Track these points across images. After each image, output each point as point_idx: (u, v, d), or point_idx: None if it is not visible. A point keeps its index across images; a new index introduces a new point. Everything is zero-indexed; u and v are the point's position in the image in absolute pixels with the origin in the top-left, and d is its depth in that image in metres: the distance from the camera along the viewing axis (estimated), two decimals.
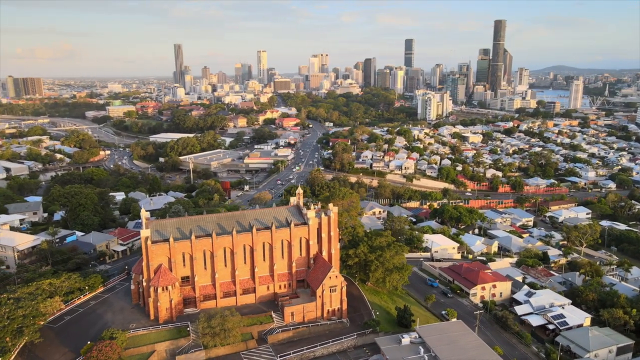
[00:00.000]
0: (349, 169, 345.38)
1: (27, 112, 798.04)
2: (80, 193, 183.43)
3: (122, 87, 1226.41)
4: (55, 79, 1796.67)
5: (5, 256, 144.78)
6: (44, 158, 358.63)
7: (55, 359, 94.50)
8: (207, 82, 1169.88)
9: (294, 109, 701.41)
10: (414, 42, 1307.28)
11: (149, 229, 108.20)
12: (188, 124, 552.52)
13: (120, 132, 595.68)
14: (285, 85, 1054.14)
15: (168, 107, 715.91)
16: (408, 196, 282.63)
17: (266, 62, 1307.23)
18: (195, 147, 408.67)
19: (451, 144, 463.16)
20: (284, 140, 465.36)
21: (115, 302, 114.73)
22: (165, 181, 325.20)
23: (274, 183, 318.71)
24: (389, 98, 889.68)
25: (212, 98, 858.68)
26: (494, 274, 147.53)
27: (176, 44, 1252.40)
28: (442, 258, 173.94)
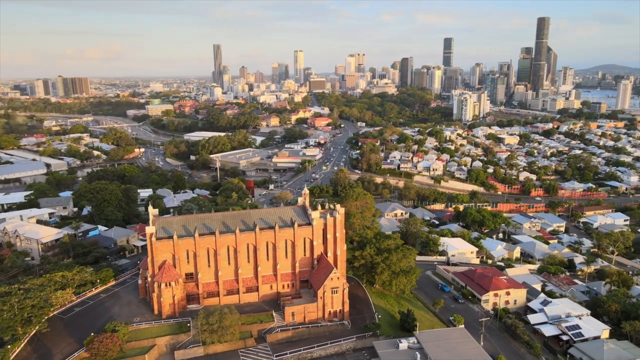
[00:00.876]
0: (375, 170, 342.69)
1: (74, 110, 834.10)
2: (105, 189, 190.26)
3: (163, 87, 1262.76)
4: (103, 79, 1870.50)
5: (30, 248, 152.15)
6: (82, 155, 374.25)
7: (61, 349, 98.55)
8: (245, 81, 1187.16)
9: (327, 108, 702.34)
10: (453, 41, 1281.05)
11: (155, 226, 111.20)
12: (222, 122, 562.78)
13: (157, 130, 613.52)
14: (321, 85, 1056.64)
15: (204, 106, 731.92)
16: (433, 198, 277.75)
17: (303, 62, 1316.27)
18: (226, 146, 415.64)
19: (484, 145, 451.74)
20: (314, 140, 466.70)
21: (124, 296, 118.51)
22: (194, 179, 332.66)
23: (300, 182, 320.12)
24: (424, 98, 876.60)
25: (248, 97, 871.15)
26: (509, 280, 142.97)
27: (215, 45, 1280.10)
28: (458, 262, 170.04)
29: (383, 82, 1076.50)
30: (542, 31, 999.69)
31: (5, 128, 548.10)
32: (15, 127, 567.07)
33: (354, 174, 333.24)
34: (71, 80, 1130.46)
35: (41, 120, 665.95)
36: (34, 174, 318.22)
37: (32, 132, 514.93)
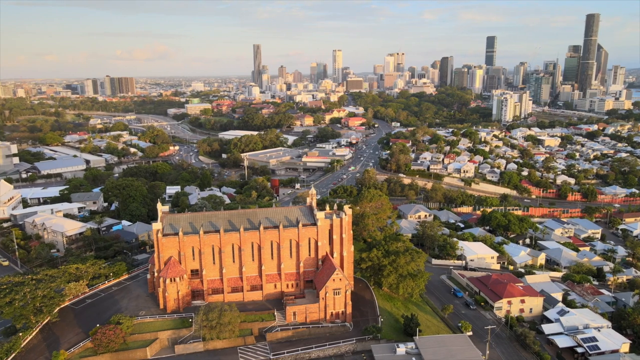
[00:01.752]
0: (405, 171, 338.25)
1: (119, 109, 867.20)
2: (130, 186, 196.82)
3: (204, 86, 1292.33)
4: (148, 78, 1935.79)
5: (56, 240, 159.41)
6: (120, 152, 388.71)
7: (69, 338, 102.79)
8: (283, 81, 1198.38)
9: (361, 108, 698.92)
10: (497, 40, 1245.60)
11: (162, 222, 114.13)
12: (256, 121, 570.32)
13: (195, 129, 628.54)
14: (358, 85, 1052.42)
15: (241, 105, 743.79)
16: (461, 201, 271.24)
17: (341, 61, 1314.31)
18: (258, 145, 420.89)
19: (521, 147, 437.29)
20: (345, 140, 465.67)
21: (134, 290, 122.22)
22: (223, 177, 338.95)
23: (327, 182, 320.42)
24: (464, 98, 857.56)
25: (285, 97, 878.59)
26: (525, 288, 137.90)
27: (255, 45, 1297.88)
28: (477, 267, 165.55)
29: (421, 81, 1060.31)
30: (591, 28, 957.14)
31: (53, 125, 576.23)
32: (63, 125, 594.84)
33: (382, 174, 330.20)
34: (118, 80, 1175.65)
35: (87, 118, 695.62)
36: (74, 170, 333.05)
37: (77, 130, 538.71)
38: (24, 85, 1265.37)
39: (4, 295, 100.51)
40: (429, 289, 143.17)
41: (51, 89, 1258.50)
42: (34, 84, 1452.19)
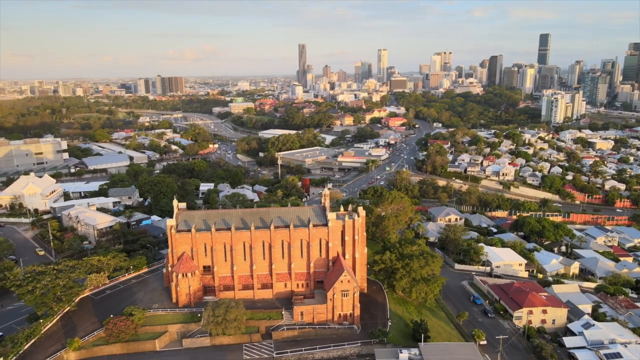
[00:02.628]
0: (441, 173, 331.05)
1: (167, 107, 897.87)
2: (162, 182, 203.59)
3: (249, 85, 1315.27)
4: (198, 78, 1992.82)
5: (88, 233, 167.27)
6: (162, 149, 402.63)
7: (85, 327, 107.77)
8: (327, 80, 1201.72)
9: (403, 108, 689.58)
10: (550, 37, 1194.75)
11: (177, 219, 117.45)
12: (296, 120, 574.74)
13: (237, 127, 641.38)
14: (402, 84, 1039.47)
15: (283, 104, 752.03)
16: (496, 204, 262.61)
17: (386, 61, 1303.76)
18: (295, 144, 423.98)
19: (568, 150, 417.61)
20: (383, 140, 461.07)
21: (151, 283, 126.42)
22: (257, 175, 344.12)
23: (360, 182, 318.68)
24: (512, 98, 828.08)
25: (328, 96, 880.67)
26: (549, 298, 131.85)
27: (300, 44, 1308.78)
28: (502, 274, 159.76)
29: (468, 81, 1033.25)
30: None
31: (105, 123, 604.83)
32: (114, 122, 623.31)
33: (417, 175, 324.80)
34: (168, 80, 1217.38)
35: (137, 117, 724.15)
36: (119, 166, 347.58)
37: (126, 127, 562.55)
38: (82, 84, 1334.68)
39: (26, 283, 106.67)
40: (447, 294, 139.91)
41: (107, 88, 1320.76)
42: (92, 83, 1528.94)
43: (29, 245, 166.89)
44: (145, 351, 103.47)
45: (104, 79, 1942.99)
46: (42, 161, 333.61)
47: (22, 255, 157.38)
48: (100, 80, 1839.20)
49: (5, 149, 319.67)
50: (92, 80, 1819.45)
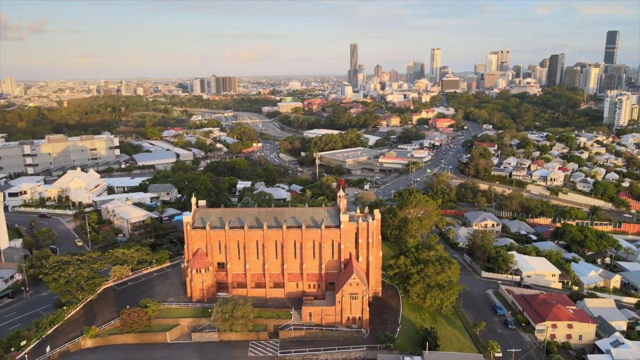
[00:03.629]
0: (484, 176, 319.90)
1: (219, 106, 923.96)
2: (196, 179, 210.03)
3: (300, 85, 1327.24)
4: (252, 78, 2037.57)
5: (123, 226, 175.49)
6: (207, 147, 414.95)
7: (104, 316, 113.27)
8: (378, 80, 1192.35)
9: (452, 109, 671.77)
10: (619, 35, 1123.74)
11: (194, 215, 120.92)
12: (342, 120, 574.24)
13: (284, 127, 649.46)
14: (454, 84, 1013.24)
15: (331, 104, 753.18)
16: (539, 211, 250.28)
17: (439, 60, 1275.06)
18: (337, 144, 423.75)
19: (628, 155, 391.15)
20: (428, 142, 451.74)
21: (171, 277, 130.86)
22: (296, 174, 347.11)
23: (399, 184, 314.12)
24: (573, 99, 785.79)
25: (377, 96, 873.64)
26: (578, 312, 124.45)
27: (352, 44, 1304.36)
28: (532, 284, 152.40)
29: (525, 81, 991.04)
30: None
31: (159, 121, 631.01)
32: (167, 121, 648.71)
33: (458, 178, 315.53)
34: (222, 79, 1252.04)
35: (190, 115, 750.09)
36: (165, 162, 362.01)
37: (179, 125, 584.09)
38: (143, 84, 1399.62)
39: (52, 272, 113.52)
40: (468, 302, 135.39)
41: (165, 87, 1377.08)
42: (153, 83, 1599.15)
43: (70, 236, 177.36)
44: (157, 342, 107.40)
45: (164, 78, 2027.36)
46: (96, 157, 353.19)
47: (62, 245, 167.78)
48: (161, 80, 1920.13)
49: (63, 145, 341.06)
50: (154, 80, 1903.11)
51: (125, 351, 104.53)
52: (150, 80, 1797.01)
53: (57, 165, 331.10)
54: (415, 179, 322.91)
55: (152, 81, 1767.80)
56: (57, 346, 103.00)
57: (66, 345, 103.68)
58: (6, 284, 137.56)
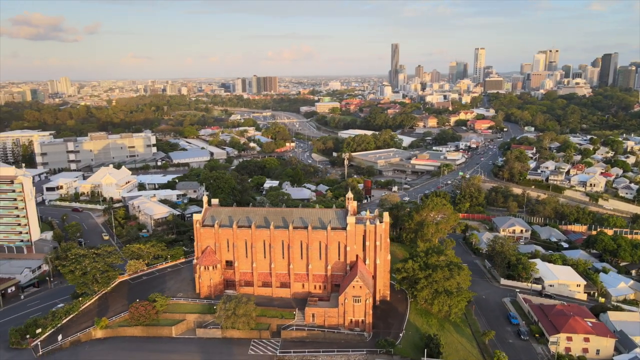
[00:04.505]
0: (518, 180, 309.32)
1: (259, 106, 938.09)
2: (220, 178, 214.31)
3: (340, 85, 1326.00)
4: (293, 77, 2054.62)
5: (146, 222, 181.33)
6: (241, 146, 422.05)
7: (116, 308, 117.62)
8: (419, 80, 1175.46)
9: (492, 110, 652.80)
10: None
11: (205, 213, 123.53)
12: (378, 121, 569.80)
13: (320, 127, 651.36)
14: (497, 85, 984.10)
15: (368, 104, 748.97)
16: (574, 217, 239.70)
17: (484, 60, 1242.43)
18: (370, 145, 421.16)
19: None
20: (464, 144, 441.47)
21: (184, 273, 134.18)
22: (326, 174, 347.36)
23: (429, 187, 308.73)
24: (626, 100, 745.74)
25: (416, 97, 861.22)
26: (597, 325, 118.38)
27: (394, 44, 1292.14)
28: (554, 294, 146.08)
29: (574, 82, 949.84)
30: None
31: (200, 120, 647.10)
32: (207, 120, 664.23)
33: (492, 182, 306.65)
34: (263, 79, 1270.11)
35: (230, 114, 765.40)
36: (200, 160, 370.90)
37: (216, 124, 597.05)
38: (188, 84, 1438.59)
39: (69, 264, 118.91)
40: (483, 310, 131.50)
41: (209, 87, 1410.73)
42: (197, 83, 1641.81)
43: (98, 230, 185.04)
44: (163, 336, 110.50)
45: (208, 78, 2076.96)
46: (134, 154, 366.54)
47: (89, 238, 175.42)
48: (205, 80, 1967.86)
49: (103, 142, 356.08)
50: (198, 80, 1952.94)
51: (132, 343, 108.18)
52: (195, 80, 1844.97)
53: (98, 162, 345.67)
54: (446, 181, 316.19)
55: (196, 81, 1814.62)
56: (70, 335, 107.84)
57: (78, 335, 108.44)
58: (33, 274, 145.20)
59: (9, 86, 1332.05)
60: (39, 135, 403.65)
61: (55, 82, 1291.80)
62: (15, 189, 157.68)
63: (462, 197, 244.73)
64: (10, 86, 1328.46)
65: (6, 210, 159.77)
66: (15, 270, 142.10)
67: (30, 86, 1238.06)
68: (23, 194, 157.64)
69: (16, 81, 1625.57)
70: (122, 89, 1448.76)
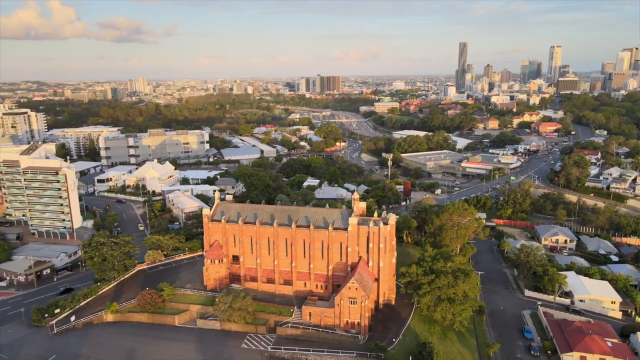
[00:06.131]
0: (576, 187, 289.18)
1: (319, 105, 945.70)
2: (255, 175, 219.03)
3: (404, 85, 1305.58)
4: (359, 77, 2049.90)
5: (178, 215, 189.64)
6: (291, 144, 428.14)
7: (129, 295, 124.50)
8: (487, 80, 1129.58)
9: (561, 112, 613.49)
10: None
11: (215, 209, 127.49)
12: (435, 122, 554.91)
13: (377, 127, 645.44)
14: (572, 85, 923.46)
15: (428, 105, 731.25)
16: (632, 229, 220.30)
17: (559, 59, 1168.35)
18: (422, 146, 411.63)
19: None
20: (523, 147, 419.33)
21: (197, 266, 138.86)
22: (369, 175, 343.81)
23: (476, 190, 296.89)
24: None
25: (482, 97, 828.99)
26: (618, 346, 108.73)
27: (461, 42, 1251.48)
28: (583, 310, 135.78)
29: None
30: None
31: (259, 119, 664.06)
32: (266, 118, 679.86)
33: (545, 188, 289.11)
34: (327, 79, 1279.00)
35: (290, 113, 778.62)
36: (249, 158, 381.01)
37: (275, 123, 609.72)
38: (254, 83, 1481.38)
39: (90, 251, 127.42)
40: (497, 321, 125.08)
41: (274, 86, 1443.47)
42: (263, 82, 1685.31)
43: (136, 220, 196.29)
44: (166, 324, 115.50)
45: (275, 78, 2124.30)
46: (188, 150, 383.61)
47: (127, 227, 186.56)
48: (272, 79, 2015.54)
49: (160, 139, 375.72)
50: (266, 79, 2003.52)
51: (138, 328, 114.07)
52: (262, 80, 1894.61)
53: (155, 157, 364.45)
54: (495, 186, 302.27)
55: (263, 80, 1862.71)
56: (83, 317, 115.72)
57: (90, 317, 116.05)
58: (69, 258, 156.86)
59: (94, 85, 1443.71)
60: (108, 131, 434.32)
61: (134, 81, 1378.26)
62: (60, 179, 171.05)
63: (505, 203, 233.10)
64: (95, 85, 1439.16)
65: (52, 199, 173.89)
66: (52, 254, 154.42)
67: (111, 85, 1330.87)
68: (66, 185, 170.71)
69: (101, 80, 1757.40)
70: (193, 88, 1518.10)
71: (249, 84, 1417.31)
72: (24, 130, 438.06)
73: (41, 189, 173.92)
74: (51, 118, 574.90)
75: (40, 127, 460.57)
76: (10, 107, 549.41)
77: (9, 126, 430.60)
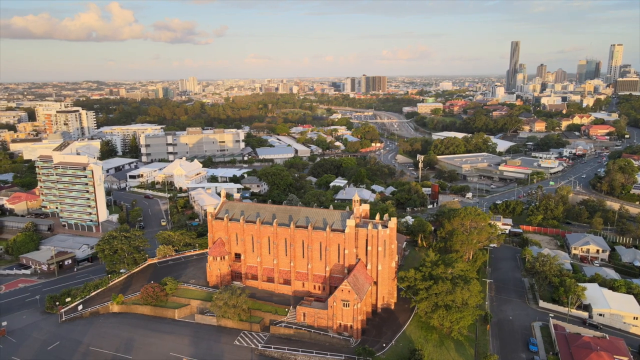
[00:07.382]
0: (619, 193, 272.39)
1: (363, 105, 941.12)
2: (277, 174, 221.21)
3: (452, 85, 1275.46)
4: (406, 77, 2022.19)
5: (199, 212, 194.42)
6: (326, 144, 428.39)
7: (135, 287, 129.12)
8: (540, 80, 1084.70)
9: (615, 114, 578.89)
10: None
11: (220, 207, 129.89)
12: (477, 124, 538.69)
13: (418, 128, 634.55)
14: (632, 86, 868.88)
15: (473, 106, 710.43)
16: None
17: (620, 58, 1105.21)
18: (460, 148, 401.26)
19: None
20: (569, 151, 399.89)
21: (205, 262, 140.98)
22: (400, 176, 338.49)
23: (509, 195, 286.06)
24: None
25: (532, 98, 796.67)
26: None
27: (514, 42, 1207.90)
28: (602, 325, 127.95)
29: None
30: None
31: (300, 118, 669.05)
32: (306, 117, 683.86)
33: (585, 194, 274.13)
34: (372, 79, 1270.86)
35: (332, 113, 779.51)
36: (283, 157, 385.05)
37: (315, 122, 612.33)
38: (300, 83, 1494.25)
39: (102, 244, 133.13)
40: (503, 331, 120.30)
41: (319, 86, 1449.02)
42: (309, 82, 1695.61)
43: (160, 216, 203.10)
44: (166, 317, 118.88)
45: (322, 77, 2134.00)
46: (224, 148, 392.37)
47: (150, 222, 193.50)
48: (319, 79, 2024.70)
49: (197, 137, 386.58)
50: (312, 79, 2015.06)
51: (140, 320, 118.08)
52: (308, 79, 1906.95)
53: (192, 154, 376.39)
54: (530, 191, 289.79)
55: (310, 80, 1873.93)
56: (91, 307, 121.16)
57: (97, 307, 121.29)
58: (91, 250, 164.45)
59: (147, 85, 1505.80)
60: (152, 129, 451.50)
61: (185, 81, 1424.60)
62: (87, 174, 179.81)
63: (536, 209, 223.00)
64: (149, 85, 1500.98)
65: (79, 193, 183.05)
66: (75, 246, 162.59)
67: (163, 85, 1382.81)
68: (93, 180, 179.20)
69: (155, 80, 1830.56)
70: (241, 87, 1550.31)
71: (295, 83, 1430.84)
72: (75, 128, 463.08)
73: (70, 184, 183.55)
74: (103, 116, 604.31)
75: (90, 124, 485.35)
76: (66, 105, 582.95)
77: (62, 123, 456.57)
